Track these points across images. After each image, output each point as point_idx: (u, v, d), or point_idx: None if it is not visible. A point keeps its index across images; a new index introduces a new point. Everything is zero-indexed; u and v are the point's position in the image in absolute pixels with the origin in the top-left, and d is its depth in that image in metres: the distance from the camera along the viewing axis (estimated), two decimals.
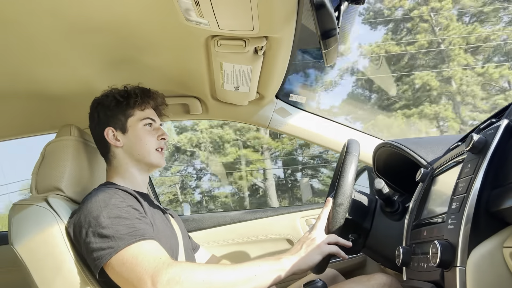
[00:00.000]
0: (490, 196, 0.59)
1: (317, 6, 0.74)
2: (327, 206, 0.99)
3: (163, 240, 0.96)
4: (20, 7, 0.88)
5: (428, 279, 0.70)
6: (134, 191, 1.01)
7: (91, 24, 0.98)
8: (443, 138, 1.08)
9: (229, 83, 1.27)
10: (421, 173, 0.89)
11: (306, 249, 0.91)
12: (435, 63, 11.30)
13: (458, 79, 10.86)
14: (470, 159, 0.65)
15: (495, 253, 0.56)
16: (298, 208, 1.65)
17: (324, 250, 0.91)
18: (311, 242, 0.92)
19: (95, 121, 1.12)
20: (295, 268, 0.88)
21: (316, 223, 0.97)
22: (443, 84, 11.04)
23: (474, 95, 10.77)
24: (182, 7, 0.86)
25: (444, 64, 11.12)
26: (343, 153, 1.03)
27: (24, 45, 1.03)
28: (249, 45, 1.03)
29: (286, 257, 0.90)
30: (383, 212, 1.04)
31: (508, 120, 0.61)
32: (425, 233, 0.77)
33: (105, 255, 0.84)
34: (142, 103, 1.12)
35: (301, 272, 0.90)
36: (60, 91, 1.29)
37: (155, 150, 1.11)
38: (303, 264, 0.89)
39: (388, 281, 0.95)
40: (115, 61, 1.19)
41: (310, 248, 0.91)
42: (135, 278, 0.81)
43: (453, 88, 10.93)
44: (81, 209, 0.92)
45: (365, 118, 12.11)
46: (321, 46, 0.84)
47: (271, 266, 0.87)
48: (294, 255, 0.90)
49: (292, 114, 1.55)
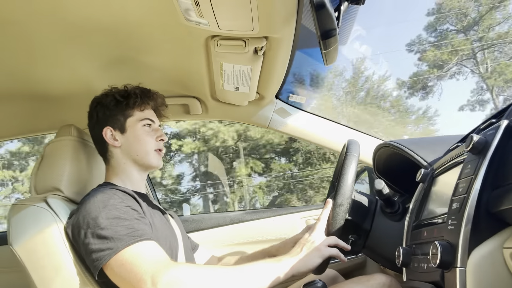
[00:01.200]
0: (490, 197, 0.58)
1: (317, 6, 0.74)
2: (327, 207, 0.98)
3: (162, 240, 0.96)
4: (20, 8, 0.88)
5: (428, 280, 0.70)
6: (133, 192, 1.00)
7: (91, 25, 0.98)
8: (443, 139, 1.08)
9: (229, 83, 1.27)
10: (421, 174, 0.89)
11: (306, 252, 0.91)
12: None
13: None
14: (470, 160, 0.65)
15: (495, 253, 0.56)
16: (298, 209, 1.65)
17: (324, 253, 0.91)
18: (311, 245, 0.92)
19: (94, 120, 1.12)
20: (295, 270, 0.88)
21: (315, 225, 0.97)
22: None
23: None
24: (182, 7, 0.86)
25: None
26: (343, 153, 1.03)
27: (24, 45, 1.03)
28: (249, 45, 1.02)
29: (286, 259, 0.89)
30: (383, 212, 1.04)
31: (508, 121, 0.61)
32: (425, 234, 0.77)
33: (104, 256, 0.84)
34: (141, 103, 1.12)
35: (301, 274, 0.90)
36: (60, 91, 1.29)
37: (154, 151, 1.11)
38: (302, 267, 0.89)
39: (388, 281, 0.95)
40: (115, 61, 1.19)
41: (310, 251, 0.91)
42: (135, 279, 0.81)
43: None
44: (80, 210, 0.92)
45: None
46: (321, 46, 0.84)
47: (271, 268, 0.86)
48: (294, 258, 0.90)
49: (292, 114, 1.55)
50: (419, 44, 13.75)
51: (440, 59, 13.30)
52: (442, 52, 13.19)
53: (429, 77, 13.39)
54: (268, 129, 1.60)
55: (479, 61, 13.20)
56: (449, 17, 13.26)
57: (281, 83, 1.36)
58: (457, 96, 18.28)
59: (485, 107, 13.49)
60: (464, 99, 15.01)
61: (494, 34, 12.85)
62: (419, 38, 13.77)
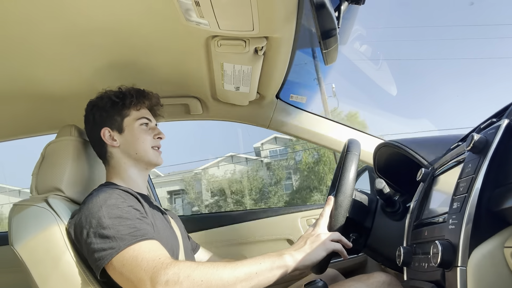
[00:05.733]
0: (491, 196, 0.58)
1: (317, 6, 0.74)
2: (329, 204, 0.98)
3: (163, 241, 0.96)
4: (21, 8, 0.88)
5: (429, 279, 0.70)
6: (135, 192, 1.01)
7: (92, 25, 0.98)
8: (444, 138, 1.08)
9: (230, 83, 1.27)
10: (422, 173, 0.89)
11: (311, 245, 0.90)
12: None
13: None
14: (471, 159, 0.65)
15: (496, 253, 0.56)
16: (298, 208, 1.65)
17: (329, 246, 0.91)
18: (316, 238, 0.92)
19: (91, 123, 1.12)
20: (299, 264, 0.87)
21: (319, 221, 0.97)
22: None
23: None
24: (182, 8, 0.86)
25: None
26: (344, 152, 1.03)
27: (24, 46, 1.03)
28: (249, 45, 1.03)
29: (288, 253, 0.88)
30: (384, 212, 1.04)
31: (508, 120, 0.61)
32: (426, 233, 0.77)
33: (106, 256, 0.84)
34: (137, 103, 1.13)
35: (304, 268, 0.88)
36: (60, 92, 1.29)
37: (151, 149, 1.11)
38: (307, 260, 0.88)
39: (388, 280, 0.95)
40: (115, 62, 1.19)
41: (315, 244, 0.90)
42: (135, 279, 0.81)
43: None
44: (82, 210, 0.92)
45: None
46: (321, 46, 0.84)
47: (273, 263, 0.85)
48: (298, 251, 0.89)
49: (293, 114, 1.55)
50: None
51: None
52: None
53: None
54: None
55: None
56: None
57: (282, 83, 1.36)
58: None
59: None
60: None
61: None
62: None
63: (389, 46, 17.13)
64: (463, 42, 19.79)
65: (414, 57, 20.85)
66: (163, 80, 1.33)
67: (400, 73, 16.95)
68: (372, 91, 12.25)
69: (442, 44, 21.39)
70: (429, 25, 22.50)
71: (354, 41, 1.51)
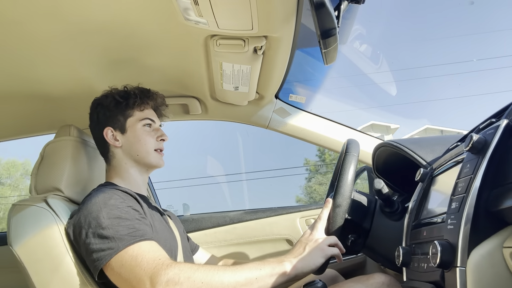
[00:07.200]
0: (490, 196, 0.58)
1: (317, 5, 0.74)
2: (327, 206, 0.98)
3: (162, 242, 0.96)
4: (21, 8, 0.88)
5: (428, 280, 0.70)
6: (134, 193, 1.00)
7: (91, 25, 0.98)
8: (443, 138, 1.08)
9: (229, 83, 1.26)
10: (421, 173, 0.88)
11: (309, 252, 0.90)
12: None
13: None
14: (470, 159, 0.64)
15: (495, 253, 0.56)
16: (297, 208, 1.65)
17: (327, 252, 0.90)
18: (314, 244, 0.91)
19: (95, 121, 1.12)
20: (298, 271, 0.87)
21: (316, 224, 0.96)
22: None
23: None
24: (181, 7, 0.86)
25: None
26: (343, 153, 1.03)
27: (24, 45, 1.03)
28: (249, 45, 1.02)
29: (288, 260, 0.88)
30: (383, 212, 1.04)
31: (507, 120, 0.61)
32: (425, 233, 0.76)
33: (105, 256, 0.84)
34: (141, 103, 1.12)
35: (304, 275, 0.88)
36: (59, 91, 1.29)
37: (154, 151, 1.11)
38: (306, 267, 0.88)
39: (387, 281, 0.95)
40: (114, 61, 1.19)
41: (313, 251, 0.90)
42: (134, 279, 0.81)
43: None
44: (81, 210, 0.92)
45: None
46: (321, 45, 0.84)
47: (273, 269, 0.85)
48: (297, 258, 0.89)
49: (292, 114, 1.55)
50: None
51: None
52: None
53: None
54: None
55: None
56: None
57: (281, 83, 1.36)
58: None
59: None
60: None
61: None
62: None
63: (390, 45, 17.13)
64: (463, 42, 19.78)
65: (413, 57, 20.87)
66: (161, 80, 1.33)
67: (400, 73, 16.96)
68: (372, 91, 12.26)
69: (442, 44, 21.41)
70: (429, 26, 22.53)
71: (354, 41, 1.51)
